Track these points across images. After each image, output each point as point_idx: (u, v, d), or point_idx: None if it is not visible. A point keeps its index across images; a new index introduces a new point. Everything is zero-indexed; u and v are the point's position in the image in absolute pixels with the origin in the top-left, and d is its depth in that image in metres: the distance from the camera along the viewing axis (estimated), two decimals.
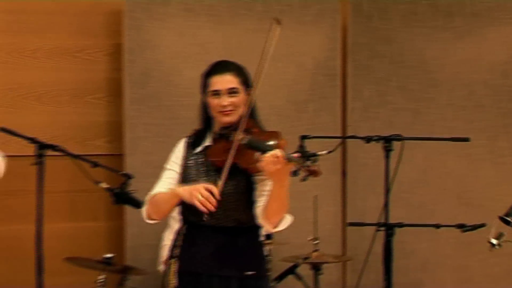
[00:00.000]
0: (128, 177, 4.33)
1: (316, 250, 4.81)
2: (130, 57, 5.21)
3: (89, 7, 5.33)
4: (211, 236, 3.65)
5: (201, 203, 3.45)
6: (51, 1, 5.32)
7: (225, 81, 3.67)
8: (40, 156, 4.02)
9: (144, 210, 3.81)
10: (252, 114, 3.70)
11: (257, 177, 3.63)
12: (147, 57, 5.24)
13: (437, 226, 4.59)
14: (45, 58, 5.28)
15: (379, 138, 4.43)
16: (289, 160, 3.39)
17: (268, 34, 3.62)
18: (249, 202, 3.66)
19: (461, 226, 4.49)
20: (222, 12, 5.32)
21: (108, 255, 4.52)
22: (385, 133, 4.46)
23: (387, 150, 4.40)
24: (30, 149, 4.03)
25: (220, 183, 3.52)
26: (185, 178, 3.73)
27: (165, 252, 4.83)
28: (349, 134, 5.27)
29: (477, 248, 4.90)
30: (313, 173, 3.37)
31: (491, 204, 5.08)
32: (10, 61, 5.23)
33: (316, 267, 4.85)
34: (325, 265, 4.93)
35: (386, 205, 4.43)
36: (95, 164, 4.22)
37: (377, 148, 4.45)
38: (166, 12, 5.26)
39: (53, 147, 4.11)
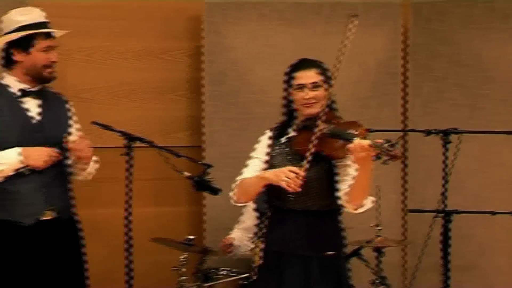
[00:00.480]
0: (207, 166, 4.46)
1: (378, 236, 4.79)
2: (208, 58, 5.28)
3: (172, 13, 5.38)
4: (294, 219, 3.71)
5: (287, 184, 3.50)
6: (138, 8, 5.37)
7: (309, 76, 3.74)
8: (129, 147, 4.11)
9: (233, 194, 3.88)
10: (331, 106, 3.76)
11: (339, 163, 3.70)
12: (224, 58, 5.29)
13: (493, 213, 4.60)
14: (133, 59, 5.36)
15: (438, 132, 4.43)
16: (374, 146, 3.40)
17: (345, 29, 3.69)
18: (331, 187, 3.72)
19: None
20: (292, 16, 5.33)
21: (189, 237, 4.61)
22: (443, 127, 4.47)
23: (445, 143, 4.41)
24: (120, 141, 4.12)
25: (304, 165, 3.56)
26: (271, 165, 3.80)
27: (227, 237, 5.01)
28: (409, 128, 5.22)
29: None
30: (394, 157, 3.37)
31: None
32: (103, 62, 5.31)
33: (379, 250, 4.84)
34: (387, 249, 4.90)
35: (444, 193, 4.44)
36: (178, 155, 4.35)
37: (435, 140, 4.46)
38: (241, 17, 5.30)
39: (140, 139, 4.19)
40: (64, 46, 4.95)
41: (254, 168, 3.85)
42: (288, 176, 3.52)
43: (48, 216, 3.99)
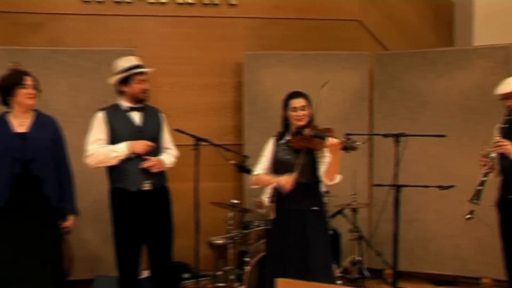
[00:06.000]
0: (246, 157, 4.61)
1: (354, 201, 4.91)
2: (247, 88, 5.36)
3: (224, 60, 5.45)
4: (294, 188, 3.68)
5: (284, 186, 3.64)
6: (203, 58, 5.41)
7: (299, 101, 3.79)
8: (196, 144, 4.20)
9: (251, 181, 3.91)
10: (312, 120, 3.80)
11: (319, 154, 3.73)
12: (256, 88, 5.35)
13: (426, 186, 4.63)
14: (200, 90, 5.47)
15: (392, 135, 4.44)
16: (341, 141, 3.54)
17: (320, 91, 3.67)
18: (314, 168, 3.75)
19: (440, 187, 4.52)
20: (299, 62, 5.37)
21: (235, 201, 4.78)
22: (396, 132, 4.46)
23: (397, 142, 4.40)
24: (191, 141, 4.20)
25: (295, 174, 3.62)
26: (276, 157, 3.82)
27: (262, 201, 4.71)
28: (374, 132, 5.27)
29: (450, 197, 4.88)
30: (354, 148, 3.54)
31: (458, 174, 4.97)
32: (180, 91, 5.44)
33: (354, 210, 4.94)
34: (359, 209, 4.98)
35: (396, 174, 4.41)
36: (227, 149, 4.44)
37: (391, 141, 4.43)
38: (267, 63, 5.37)
39: (204, 140, 4.26)
40: (157, 82, 5.05)
41: (264, 163, 3.87)
42: (285, 182, 3.63)
43: (146, 187, 3.89)
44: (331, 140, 3.57)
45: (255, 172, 3.89)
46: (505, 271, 4.11)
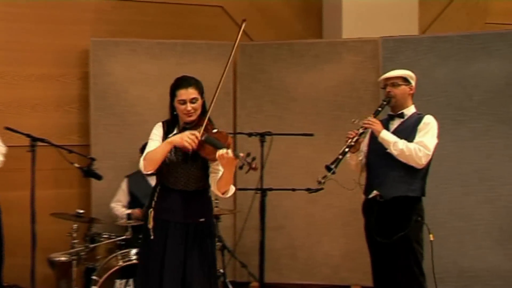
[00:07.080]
0: (92, 159, 4.50)
1: (216, 207, 4.73)
2: (93, 80, 5.17)
3: (66, 47, 5.23)
4: (177, 196, 3.51)
5: (188, 143, 3.32)
6: (39, 43, 5.17)
7: (188, 93, 3.47)
8: (32, 146, 4.07)
9: (142, 165, 3.53)
10: (206, 114, 3.54)
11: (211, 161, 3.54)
12: (105, 80, 5.18)
13: (293, 189, 4.60)
14: (37, 81, 5.21)
15: (257, 134, 4.46)
16: (236, 156, 3.27)
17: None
18: (204, 175, 3.55)
19: (308, 190, 4.46)
20: (156, 51, 5.28)
21: (80, 211, 4.55)
22: (261, 130, 4.47)
23: (262, 141, 4.43)
24: (27, 141, 4.08)
25: (201, 130, 3.38)
26: None
27: (116, 212, 4.88)
28: (238, 131, 5.22)
29: (319, 201, 5.00)
30: (253, 168, 3.26)
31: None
32: (12, 82, 5.14)
33: (217, 217, 4.79)
34: (222, 216, 4.92)
35: (261, 177, 4.42)
36: (70, 151, 4.30)
37: (255, 140, 4.46)
38: (117, 51, 5.21)
39: (41, 140, 4.15)
40: None
41: (155, 146, 3.54)
42: (189, 137, 3.34)
43: None
44: (223, 153, 3.27)
45: (146, 152, 3.54)
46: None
